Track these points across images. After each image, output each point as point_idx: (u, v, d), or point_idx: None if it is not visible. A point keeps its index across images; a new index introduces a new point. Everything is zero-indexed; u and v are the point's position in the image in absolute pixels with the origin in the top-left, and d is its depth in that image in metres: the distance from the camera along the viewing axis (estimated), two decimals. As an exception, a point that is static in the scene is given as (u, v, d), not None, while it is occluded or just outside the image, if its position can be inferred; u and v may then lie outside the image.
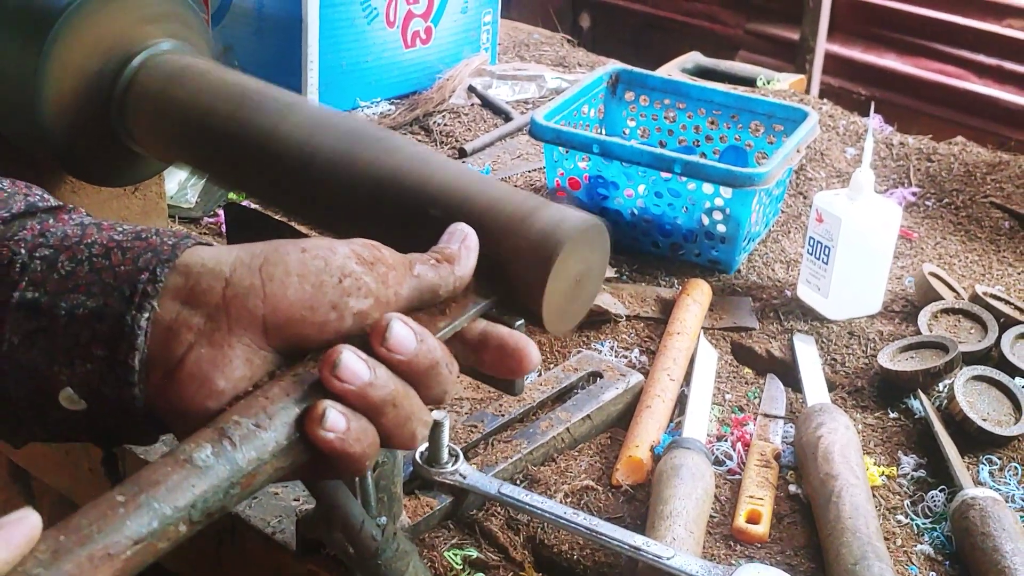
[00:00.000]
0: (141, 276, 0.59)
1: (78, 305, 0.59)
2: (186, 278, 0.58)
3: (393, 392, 0.57)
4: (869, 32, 3.51)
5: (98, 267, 0.60)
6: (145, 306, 0.58)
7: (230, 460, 0.53)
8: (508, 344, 0.64)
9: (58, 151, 0.94)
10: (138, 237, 0.61)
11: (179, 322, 0.58)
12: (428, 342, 0.59)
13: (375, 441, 0.57)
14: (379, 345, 0.57)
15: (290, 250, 0.59)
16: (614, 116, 1.43)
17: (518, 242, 0.68)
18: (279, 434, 0.55)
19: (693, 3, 3.87)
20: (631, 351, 1.12)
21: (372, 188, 0.76)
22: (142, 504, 0.49)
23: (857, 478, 0.89)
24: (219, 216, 1.35)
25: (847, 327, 1.17)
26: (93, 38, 0.91)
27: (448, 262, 0.63)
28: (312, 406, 0.55)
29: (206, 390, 0.56)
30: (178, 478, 0.51)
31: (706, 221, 1.23)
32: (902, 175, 1.51)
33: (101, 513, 0.48)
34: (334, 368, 0.55)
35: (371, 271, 0.59)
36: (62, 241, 0.62)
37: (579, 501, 0.93)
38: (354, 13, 1.56)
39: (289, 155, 0.79)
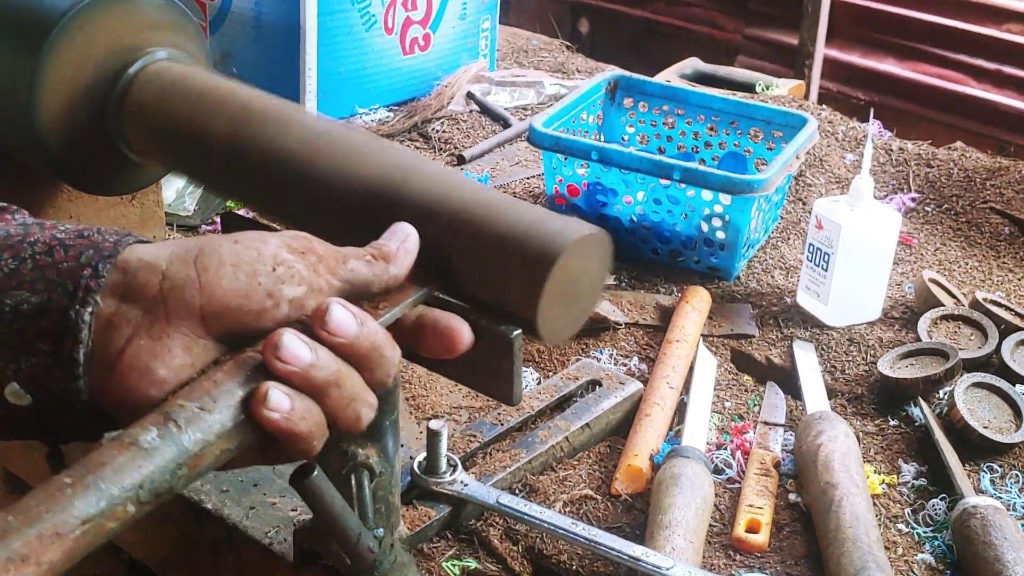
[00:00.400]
0: (84, 272, 0.60)
1: (22, 301, 0.60)
2: (124, 274, 0.60)
3: (336, 372, 0.59)
4: (868, 37, 3.51)
5: (41, 264, 0.61)
6: (88, 300, 0.59)
7: (176, 442, 0.54)
8: (440, 323, 0.66)
9: (54, 160, 0.94)
10: (80, 235, 0.62)
11: (118, 316, 0.59)
12: (368, 325, 0.60)
13: (320, 420, 0.59)
14: (320, 328, 0.58)
15: (223, 242, 0.60)
16: (613, 122, 1.43)
17: (512, 254, 0.68)
18: (224, 416, 0.56)
19: (692, 8, 3.87)
20: (630, 359, 1.11)
21: (369, 198, 0.75)
22: (89, 485, 0.50)
23: (857, 487, 0.89)
24: (217, 224, 1.34)
25: (847, 334, 1.17)
26: (89, 47, 0.91)
27: (384, 260, 0.64)
28: (256, 387, 0.57)
29: (147, 379, 0.58)
30: (124, 460, 0.52)
31: (705, 228, 1.23)
32: (901, 181, 1.51)
33: (49, 494, 0.49)
34: (276, 350, 0.57)
35: (303, 260, 0.61)
36: (5, 240, 0.62)
37: (578, 510, 0.92)
38: (352, 20, 1.55)
39: (287, 165, 0.79)
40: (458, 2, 1.69)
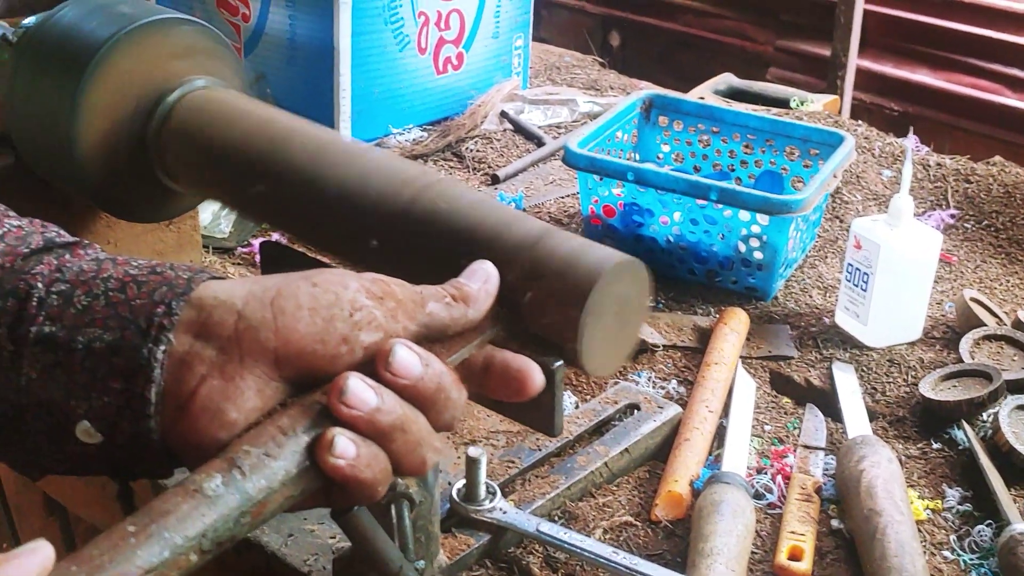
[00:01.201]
0: (157, 309, 0.59)
1: (95, 339, 0.59)
2: (199, 311, 0.59)
3: (401, 417, 0.57)
4: (901, 47, 3.48)
5: (114, 301, 0.60)
6: (161, 339, 0.58)
7: (240, 489, 0.53)
8: (511, 367, 0.64)
9: (94, 189, 0.95)
10: (153, 271, 0.62)
11: (192, 355, 0.58)
12: (434, 366, 0.59)
13: (386, 467, 0.58)
14: (384, 370, 0.57)
15: (301, 284, 0.59)
16: (648, 141, 1.42)
17: (552, 282, 0.67)
18: (289, 463, 0.55)
19: (723, 20, 3.85)
20: (668, 382, 1.10)
21: (411, 225, 0.75)
22: (152, 534, 0.50)
23: (902, 514, 0.87)
24: (252, 246, 1.35)
25: (887, 355, 1.15)
26: (127, 76, 0.92)
27: (463, 302, 0.63)
28: (321, 434, 0.56)
29: (218, 421, 0.57)
30: (188, 508, 0.51)
31: (743, 248, 1.22)
32: (939, 197, 1.50)
33: (112, 543, 0.49)
34: (341, 395, 0.56)
35: (381, 305, 0.59)
36: (78, 276, 0.62)
37: (618, 537, 0.92)
38: (386, 40, 1.56)
39: (326, 191, 0.79)
40: (491, 21, 1.69)
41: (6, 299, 0.62)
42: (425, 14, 1.59)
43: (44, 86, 0.92)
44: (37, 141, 0.95)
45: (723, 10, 3.82)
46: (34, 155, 0.97)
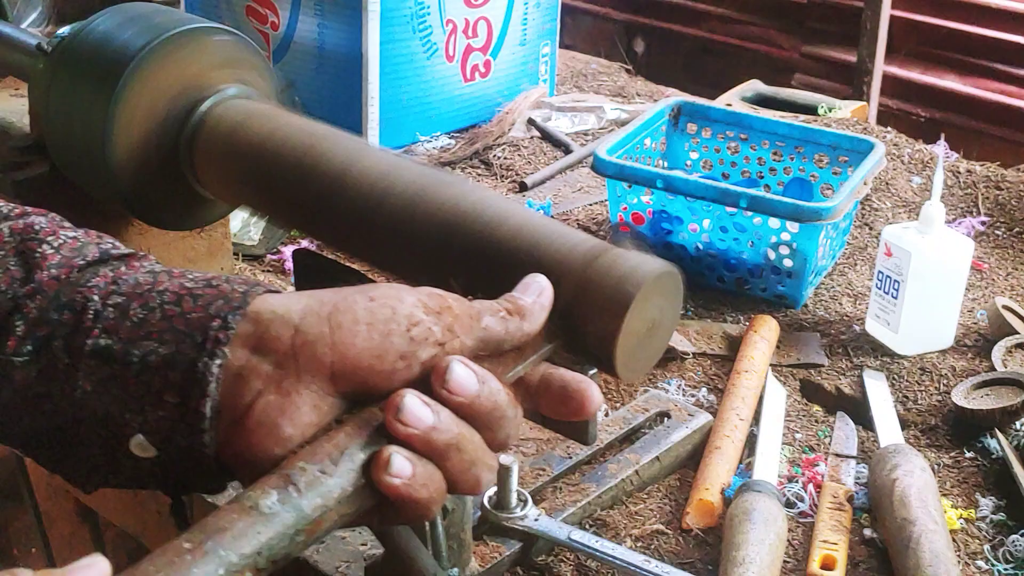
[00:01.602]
0: (213, 323, 0.59)
1: (150, 352, 0.59)
2: (256, 325, 0.58)
3: (457, 436, 0.56)
4: (928, 53, 3.47)
5: (170, 314, 0.60)
6: (217, 353, 0.58)
7: (295, 507, 0.52)
8: (570, 386, 0.63)
9: (127, 196, 0.95)
10: (209, 284, 0.61)
11: (248, 369, 0.58)
12: (490, 384, 0.58)
13: (441, 487, 0.57)
14: (440, 387, 0.56)
15: (358, 299, 0.58)
16: (676, 148, 1.42)
17: (591, 288, 0.67)
18: (344, 480, 0.54)
19: (748, 27, 3.85)
20: (699, 389, 1.10)
21: (442, 232, 0.75)
22: (208, 551, 0.49)
23: (936, 523, 0.87)
24: (282, 253, 1.35)
25: (918, 363, 1.15)
26: (161, 85, 0.92)
27: (518, 316, 0.62)
28: (378, 452, 0.55)
29: (274, 437, 0.56)
30: (244, 525, 0.51)
31: (772, 256, 1.22)
32: (970, 204, 1.49)
33: (168, 560, 0.48)
34: (398, 412, 0.55)
35: (438, 320, 0.58)
36: (134, 288, 0.62)
37: (648, 546, 0.92)
38: (414, 49, 1.56)
39: (359, 199, 0.79)
40: (518, 28, 1.70)
41: (62, 312, 0.62)
42: (453, 22, 1.60)
43: (79, 95, 0.93)
44: (72, 149, 0.96)
45: (748, 16, 3.81)
46: (68, 163, 0.98)
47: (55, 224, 0.67)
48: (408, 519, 0.58)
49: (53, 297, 0.62)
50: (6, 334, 0.62)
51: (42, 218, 0.67)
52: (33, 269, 0.63)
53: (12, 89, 1.33)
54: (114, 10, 0.98)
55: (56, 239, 0.65)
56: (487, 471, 0.58)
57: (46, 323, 0.62)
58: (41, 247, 0.64)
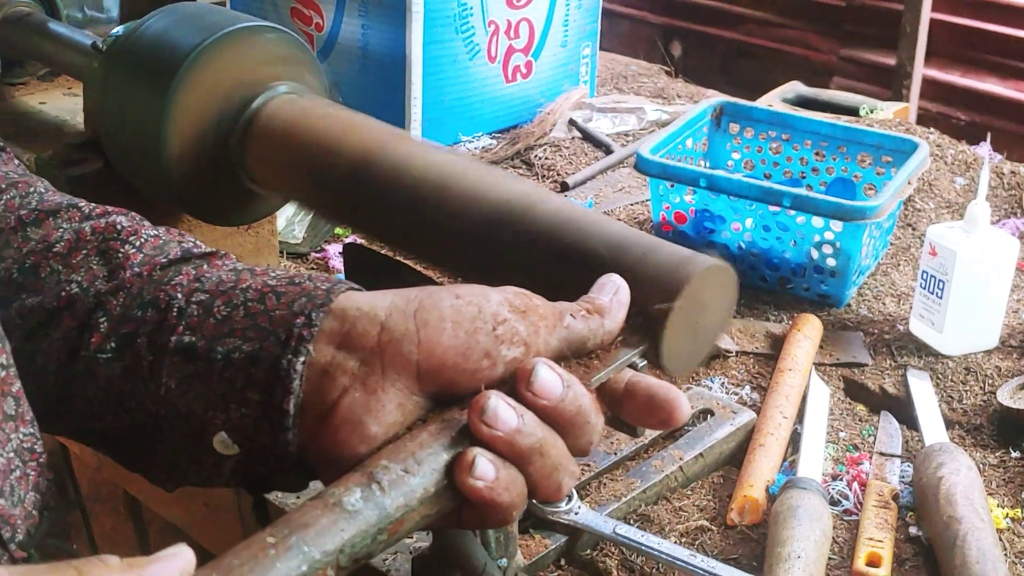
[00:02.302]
0: (296, 320, 0.59)
1: (234, 349, 0.59)
2: (341, 322, 0.58)
3: (541, 440, 0.56)
4: (968, 56, 3.45)
5: (253, 312, 0.60)
6: (301, 350, 0.58)
7: (379, 505, 0.52)
8: (658, 395, 0.62)
9: (179, 193, 0.97)
10: (291, 282, 0.62)
11: (334, 366, 0.57)
12: (575, 388, 0.57)
13: (523, 491, 0.56)
14: (525, 389, 0.56)
15: (444, 296, 0.58)
16: (718, 149, 1.42)
17: (645, 275, 0.68)
18: (427, 481, 0.54)
19: (786, 30, 3.84)
20: (742, 388, 1.10)
21: (500, 229, 0.76)
22: (292, 547, 0.49)
23: (982, 521, 0.87)
24: (326, 251, 1.37)
25: (963, 363, 1.14)
26: (214, 83, 0.94)
27: (598, 314, 0.61)
28: (461, 453, 0.54)
29: (359, 435, 0.56)
30: (327, 522, 0.51)
31: (815, 255, 1.22)
32: (1014, 205, 1.48)
33: (252, 554, 0.48)
34: (482, 414, 0.54)
35: (523, 319, 0.58)
36: (217, 286, 0.62)
37: (693, 541, 0.92)
38: (457, 50, 1.57)
39: (417, 195, 0.80)
40: (559, 29, 1.71)
41: (146, 309, 0.62)
42: (495, 23, 1.61)
43: (134, 93, 0.95)
44: (126, 146, 0.98)
45: (786, 19, 3.81)
46: (122, 160, 1.00)
47: (136, 223, 0.68)
48: (489, 523, 0.57)
49: (136, 295, 0.63)
50: (90, 331, 0.63)
51: (123, 217, 0.68)
52: (116, 268, 0.64)
53: (65, 88, 1.36)
54: (167, 10, 1.00)
55: (138, 238, 0.66)
56: (569, 477, 0.58)
57: (130, 320, 0.62)
58: (124, 246, 0.65)
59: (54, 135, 1.23)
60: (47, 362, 0.64)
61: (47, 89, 1.36)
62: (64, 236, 0.67)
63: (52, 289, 0.65)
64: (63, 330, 0.64)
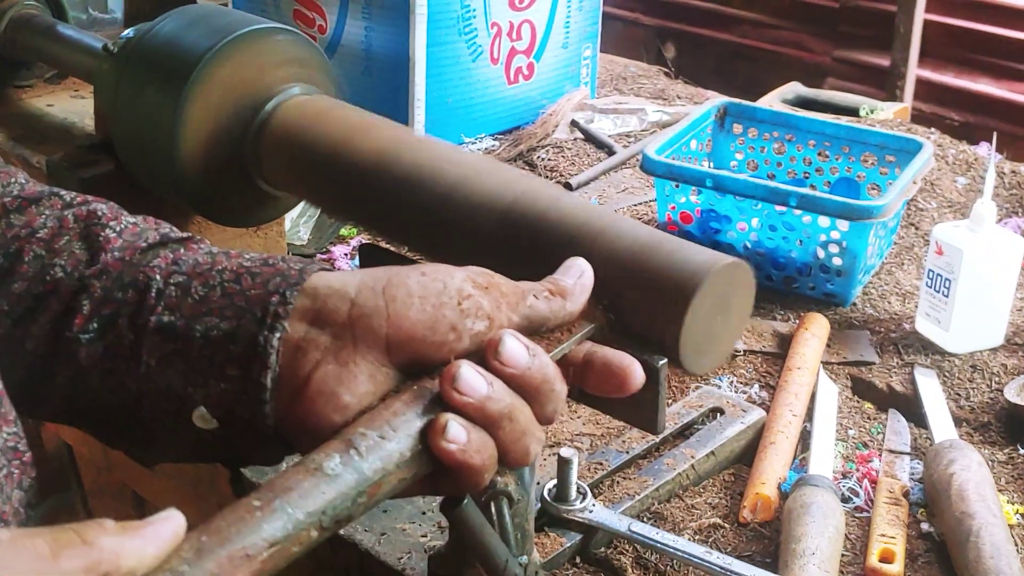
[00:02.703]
0: (272, 299, 0.61)
1: (212, 327, 0.62)
2: (313, 300, 0.61)
3: (510, 406, 0.59)
4: (962, 56, 3.46)
5: (230, 291, 0.63)
6: (277, 327, 0.61)
7: (357, 469, 0.55)
8: (612, 363, 0.65)
9: (193, 194, 0.97)
10: (266, 263, 0.64)
11: (307, 341, 0.60)
12: (540, 357, 0.60)
13: (494, 454, 0.59)
14: (493, 358, 0.59)
15: (411, 273, 0.61)
16: (722, 149, 1.43)
17: (656, 282, 0.69)
18: (403, 445, 0.57)
19: (779, 31, 3.85)
20: (750, 386, 1.11)
21: (516, 229, 0.77)
22: (276, 508, 0.51)
23: (995, 516, 0.87)
24: (331, 252, 1.37)
25: (969, 360, 1.15)
26: (228, 85, 0.94)
27: (561, 296, 0.64)
28: (434, 419, 0.57)
29: (333, 405, 0.59)
30: (309, 485, 0.53)
31: (822, 254, 1.22)
32: (1015, 204, 1.49)
33: (239, 516, 0.51)
34: (454, 381, 0.57)
35: (487, 294, 0.61)
36: (194, 268, 0.65)
37: (707, 539, 0.92)
38: (459, 51, 1.58)
39: (427, 193, 0.80)
40: (561, 31, 1.71)
41: (126, 291, 0.64)
42: (498, 24, 1.61)
43: (147, 95, 0.95)
44: (139, 148, 0.98)
45: (780, 21, 3.82)
46: (134, 161, 1.00)
47: (116, 211, 0.70)
48: (462, 486, 0.60)
49: (117, 277, 0.65)
50: (73, 313, 0.65)
51: (103, 205, 0.71)
52: (98, 252, 0.67)
53: (72, 90, 1.36)
54: (178, 12, 1.00)
55: (118, 224, 0.69)
56: (535, 442, 0.61)
57: (111, 302, 0.64)
58: (104, 231, 0.68)
59: (63, 137, 1.23)
60: (36, 345, 0.66)
61: (54, 91, 1.36)
62: (47, 223, 0.69)
63: (37, 274, 0.67)
64: (50, 314, 0.66)
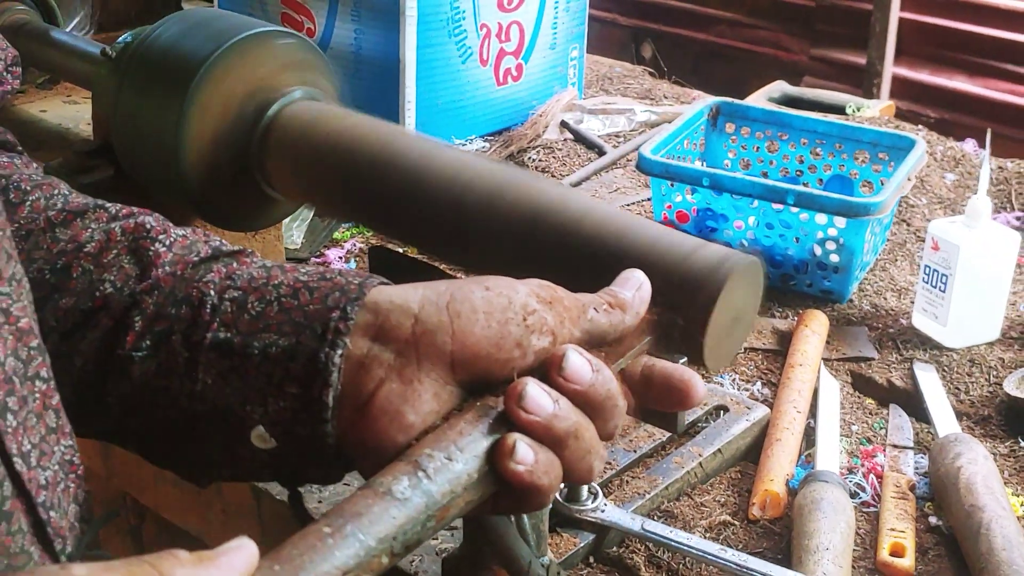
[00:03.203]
0: (332, 314, 0.60)
1: (270, 344, 0.60)
2: (375, 315, 0.60)
3: (575, 424, 0.57)
4: (937, 54, 3.49)
5: (287, 307, 0.61)
6: (338, 343, 0.59)
7: (426, 492, 0.53)
8: (673, 377, 0.63)
9: (196, 199, 0.97)
10: (323, 278, 0.63)
11: (370, 358, 0.59)
12: (604, 373, 0.58)
13: (559, 473, 0.57)
14: (557, 375, 0.57)
15: (475, 288, 0.59)
16: (715, 148, 1.43)
17: (681, 277, 0.69)
18: (470, 467, 0.55)
19: (757, 31, 3.87)
20: (753, 384, 1.12)
21: (523, 228, 0.77)
22: (348, 535, 0.50)
23: (1004, 509, 0.88)
24: (326, 256, 1.36)
25: (967, 355, 1.16)
26: (230, 90, 0.94)
27: (620, 309, 0.63)
28: (502, 439, 0.56)
29: (397, 424, 0.57)
30: (379, 510, 0.52)
31: (818, 251, 1.23)
32: (1004, 200, 1.50)
33: (310, 544, 0.49)
34: (520, 400, 0.56)
35: (551, 309, 0.59)
36: (250, 283, 0.63)
37: (717, 536, 0.93)
38: (449, 53, 1.58)
39: (438, 196, 0.80)
40: (548, 32, 1.71)
41: (180, 307, 0.63)
42: (487, 26, 1.61)
43: (149, 100, 0.95)
44: (141, 153, 0.97)
45: (757, 20, 3.84)
46: (136, 166, 0.99)
47: (163, 223, 0.69)
48: (527, 507, 0.58)
49: (169, 293, 0.64)
50: (125, 330, 0.63)
51: (150, 217, 0.69)
52: (148, 267, 0.65)
53: (64, 95, 1.35)
54: (177, 17, 0.99)
55: (168, 237, 0.67)
56: (599, 460, 0.59)
57: (164, 318, 0.63)
58: (154, 245, 0.66)
59: (58, 143, 1.22)
60: (85, 362, 0.64)
61: (46, 97, 1.35)
62: (94, 236, 0.67)
63: (86, 289, 0.65)
64: (100, 330, 0.64)
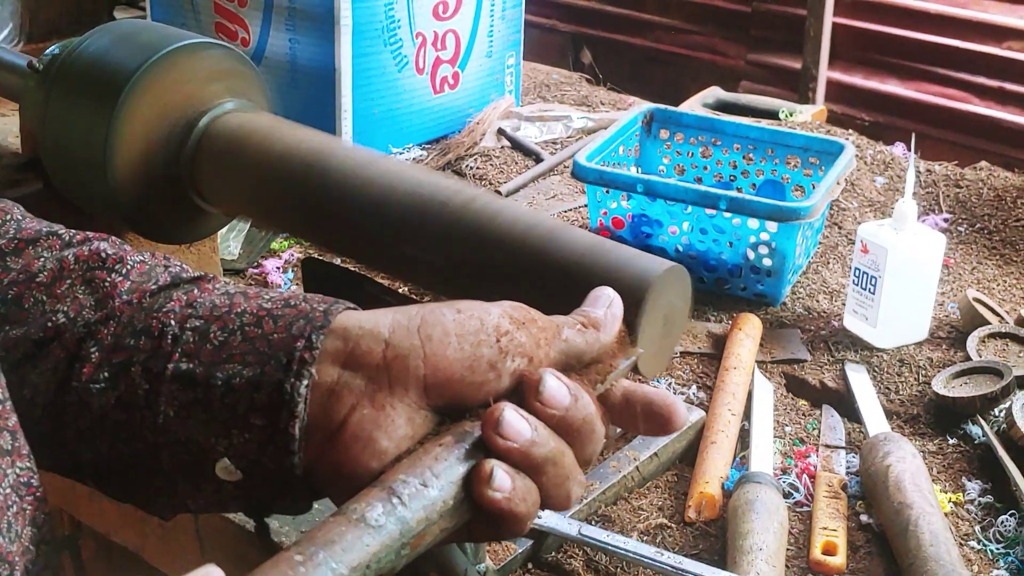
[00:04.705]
0: (297, 344, 0.58)
1: (234, 375, 0.58)
2: (345, 341, 0.58)
3: (554, 450, 0.56)
4: (870, 58, 3.54)
5: (251, 336, 0.60)
6: (304, 373, 0.58)
7: (400, 519, 0.52)
8: (655, 402, 0.62)
9: (127, 212, 0.96)
10: (287, 304, 0.61)
11: (341, 385, 0.57)
12: (582, 398, 0.57)
13: (537, 500, 0.56)
14: (534, 399, 0.56)
15: (446, 311, 0.58)
16: (649, 154, 1.45)
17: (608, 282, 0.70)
18: (446, 493, 0.53)
19: (693, 36, 3.90)
20: (688, 387, 1.13)
21: (457, 237, 0.77)
22: (320, 563, 0.48)
23: (931, 505, 0.90)
24: (264, 267, 1.36)
25: (896, 355, 1.18)
26: (160, 102, 0.93)
27: (594, 328, 0.61)
28: (478, 465, 0.54)
29: (370, 450, 0.56)
30: (352, 537, 0.50)
31: (751, 255, 1.25)
32: (932, 202, 1.53)
33: (281, 572, 0.48)
34: (497, 426, 0.54)
35: (525, 330, 0.58)
36: (211, 311, 0.61)
37: (654, 539, 0.94)
38: (385, 62, 1.58)
39: (371, 206, 0.81)
40: (484, 40, 1.72)
41: (139, 337, 0.61)
42: (423, 34, 1.61)
43: (78, 113, 0.94)
44: (70, 166, 0.96)
45: (694, 26, 3.86)
46: (66, 180, 0.99)
47: (120, 249, 0.67)
48: (504, 534, 0.57)
49: (127, 323, 0.62)
50: (81, 361, 0.62)
51: (105, 243, 0.67)
52: (104, 297, 0.63)
53: (-7, 109, 1.33)
54: (105, 29, 0.99)
55: (124, 265, 0.65)
56: (578, 486, 0.58)
57: (122, 349, 0.61)
58: (110, 275, 0.64)
59: (-11, 157, 1.20)
60: (35, 394, 0.62)
61: (-28, 110, 1.34)
62: (47, 265, 0.65)
63: (37, 320, 0.63)
64: (52, 361, 0.62)
